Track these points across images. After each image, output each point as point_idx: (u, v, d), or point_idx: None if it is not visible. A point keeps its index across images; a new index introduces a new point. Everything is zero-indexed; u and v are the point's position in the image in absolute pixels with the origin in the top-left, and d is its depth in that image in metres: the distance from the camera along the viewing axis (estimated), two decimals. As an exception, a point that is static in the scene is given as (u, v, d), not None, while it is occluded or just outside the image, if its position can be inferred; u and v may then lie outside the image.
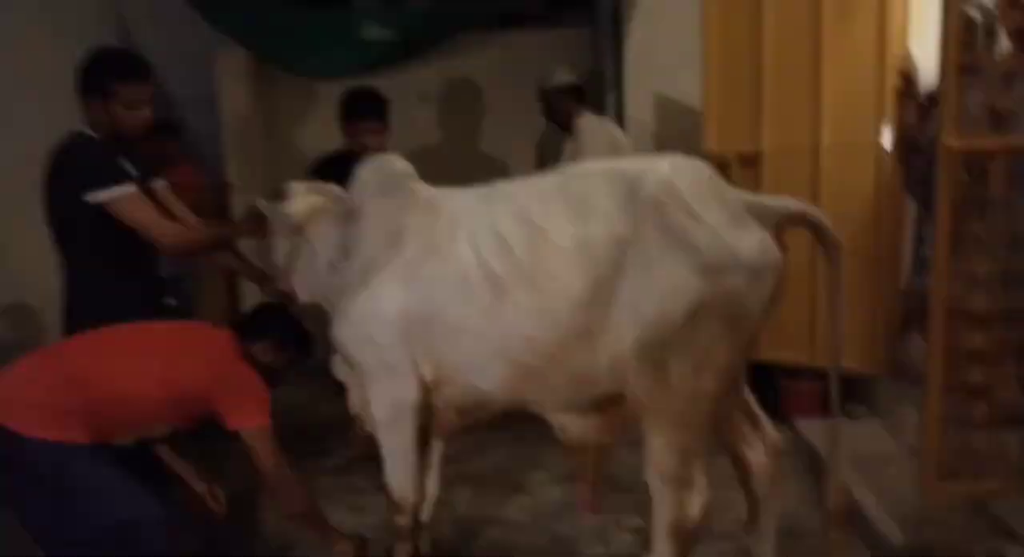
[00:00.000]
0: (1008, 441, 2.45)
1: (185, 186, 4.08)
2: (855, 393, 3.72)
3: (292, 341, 2.43)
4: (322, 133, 4.31)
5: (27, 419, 2.00)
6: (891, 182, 3.36)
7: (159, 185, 2.74)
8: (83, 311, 2.54)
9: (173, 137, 4.31)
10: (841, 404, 2.23)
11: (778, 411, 3.62)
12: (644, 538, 2.83)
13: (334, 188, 2.68)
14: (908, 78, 3.27)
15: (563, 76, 4.01)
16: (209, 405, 2.20)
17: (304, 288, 2.57)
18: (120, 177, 2.46)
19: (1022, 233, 2.36)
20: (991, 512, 2.62)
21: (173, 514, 2.19)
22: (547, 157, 4.13)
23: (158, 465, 2.50)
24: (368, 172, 2.48)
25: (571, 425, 2.35)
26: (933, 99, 3.11)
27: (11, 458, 2.00)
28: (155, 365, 2.16)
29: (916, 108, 3.23)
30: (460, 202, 2.30)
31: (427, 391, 2.31)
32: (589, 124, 4.03)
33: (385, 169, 2.47)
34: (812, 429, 3.45)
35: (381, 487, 3.26)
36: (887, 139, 3.34)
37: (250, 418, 2.20)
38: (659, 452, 2.07)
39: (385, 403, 2.33)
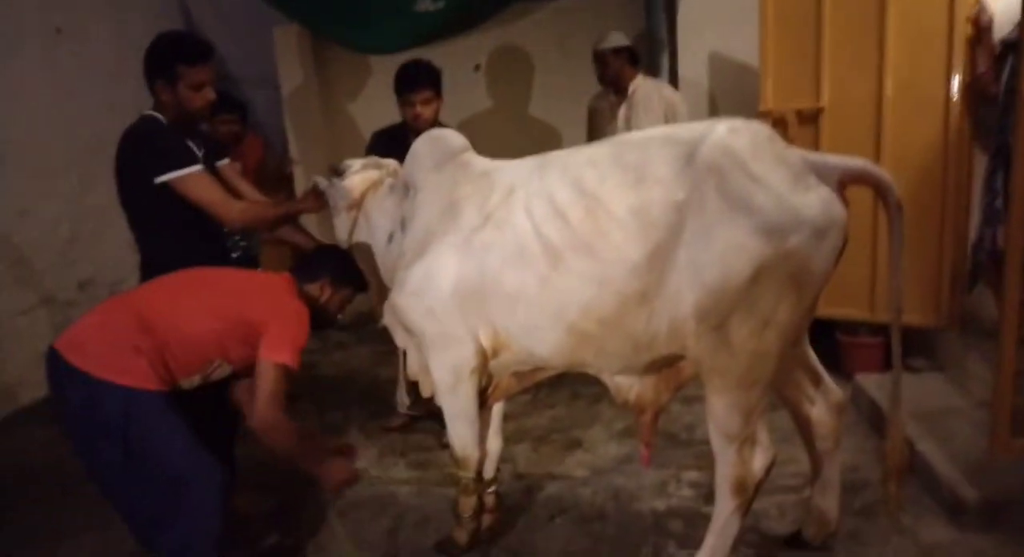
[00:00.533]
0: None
1: (250, 162, 4.25)
2: (918, 347, 3.67)
3: (346, 280, 2.52)
4: (378, 107, 4.38)
5: (98, 361, 2.09)
6: (960, 134, 3.26)
7: (224, 164, 2.85)
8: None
9: (240, 115, 4.42)
10: (903, 358, 2.21)
11: (838, 367, 3.60)
12: (703, 492, 2.89)
13: (390, 162, 2.76)
14: (979, 25, 3.15)
15: (617, 38, 3.97)
16: (260, 335, 2.23)
17: (365, 261, 2.66)
18: (187, 158, 2.57)
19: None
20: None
21: (227, 475, 2.26)
22: (600, 123, 4.08)
23: (226, 423, 2.64)
24: (423, 146, 2.53)
25: (626, 387, 2.40)
26: (1007, 46, 3.00)
27: (82, 398, 2.10)
28: (216, 299, 2.26)
29: (988, 56, 3.11)
30: (515, 173, 2.32)
31: (485, 357, 2.38)
32: (643, 87, 3.99)
33: (440, 143, 2.52)
34: (872, 383, 3.41)
35: (443, 444, 3.43)
36: (956, 90, 3.23)
37: (280, 352, 2.21)
38: (722, 412, 2.10)
39: (445, 370, 2.41)
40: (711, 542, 2.20)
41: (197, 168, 2.55)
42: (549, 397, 4.01)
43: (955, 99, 3.24)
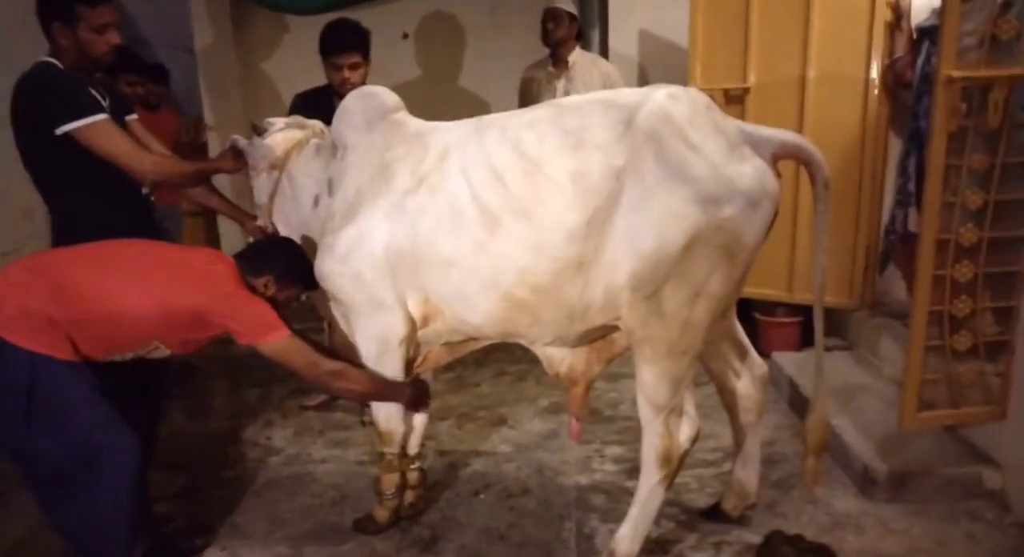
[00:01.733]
0: (985, 369, 2.52)
1: (165, 137, 3.98)
2: (831, 327, 3.79)
3: (293, 278, 2.33)
4: (299, 70, 4.18)
5: (7, 323, 1.95)
6: (878, 117, 3.35)
7: (133, 120, 2.65)
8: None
9: (150, 76, 4.15)
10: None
11: (755, 346, 3.64)
12: (627, 467, 2.91)
13: (315, 123, 2.62)
14: (898, 10, 3.24)
15: (568, 3, 3.90)
16: (210, 328, 2.13)
17: (287, 224, 2.54)
18: (90, 106, 2.36)
19: (1011, 164, 2.38)
20: (966, 439, 2.71)
21: (145, 449, 2.13)
22: (535, 93, 3.99)
23: (150, 398, 2.48)
24: (355, 103, 2.39)
25: (558, 359, 2.36)
26: (923, 32, 3.10)
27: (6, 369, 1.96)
28: (151, 283, 2.09)
29: (907, 41, 3.21)
30: (450, 135, 2.23)
31: (414, 326, 2.30)
32: (582, 60, 3.94)
33: (372, 100, 2.39)
34: (789, 361, 3.52)
35: (363, 422, 3.34)
36: (875, 73, 3.32)
37: (262, 333, 2.13)
38: (651, 381, 2.08)
39: (372, 339, 2.32)
40: (635, 513, 2.20)
41: (102, 117, 2.35)
42: (474, 375, 3.97)
43: (875, 83, 3.33)
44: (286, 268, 2.31)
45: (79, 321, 2.00)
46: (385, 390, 2.37)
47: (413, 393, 2.43)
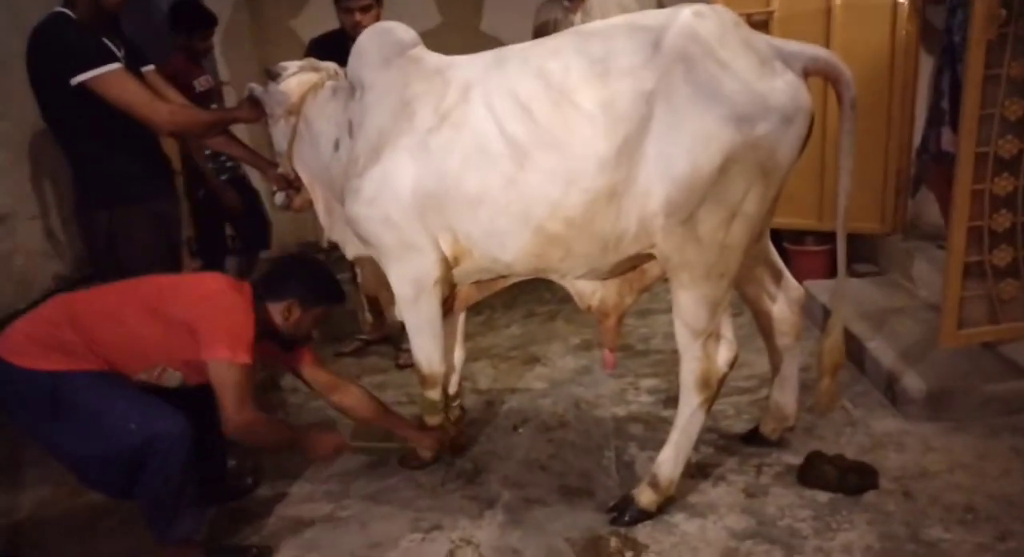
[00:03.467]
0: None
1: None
2: (864, 253, 3.76)
3: (319, 298, 2.24)
4: (314, 15, 4.14)
5: (23, 351, 1.99)
6: (907, 36, 3.25)
7: (149, 70, 2.64)
8: (95, 196, 2.52)
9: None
10: (848, 262, 2.24)
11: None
12: (662, 398, 2.94)
13: (329, 65, 2.57)
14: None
15: None
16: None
17: (307, 170, 2.51)
18: (104, 55, 2.35)
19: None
20: (1006, 355, 2.70)
21: (190, 427, 2.06)
22: (552, 33, 3.92)
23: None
24: (370, 40, 2.33)
25: (589, 292, 2.36)
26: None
27: (10, 391, 2.00)
28: (152, 300, 2.08)
29: (937, -47, 3.10)
30: (471, 68, 2.18)
31: (448, 267, 2.29)
32: None
33: (388, 36, 2.32)
34: (821, 289, 3.49)
35: (399, 365, 3.39)
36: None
37: (221, 349, 2.00)
38: (689, 306, 2.08)
39: (406, 282, 2.31)
40: (676, 437, 2.22)
41: (116, 66, 2.34)
42: (504, 317, 3.99)
43: (903, 0, 3.22)
44: (309, 288, 2.23)
45: (90, 341, 2.01)
46: (295, 439, 2.25)
47: (320, 441, 2.29)
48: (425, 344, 2.42)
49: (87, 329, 2.02)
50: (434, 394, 2.49)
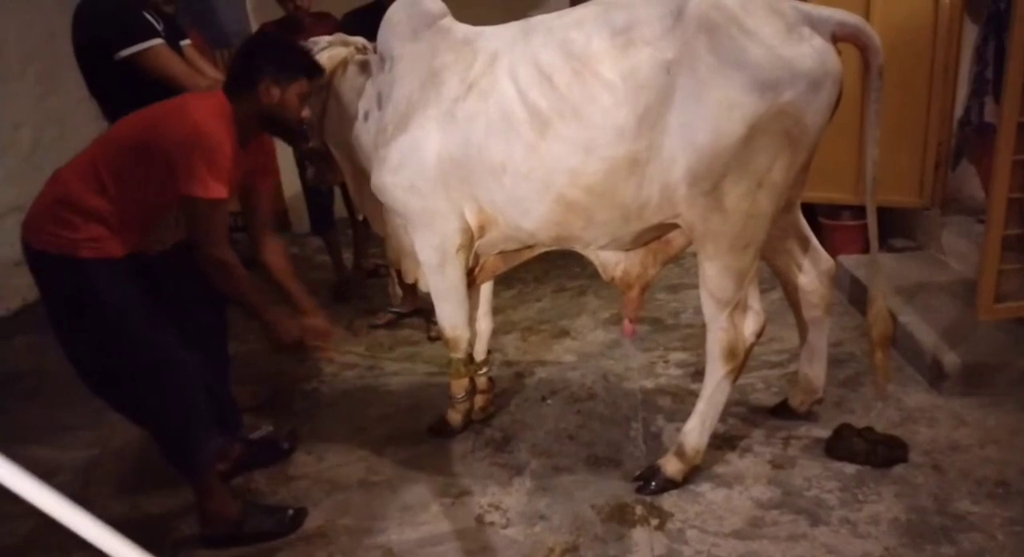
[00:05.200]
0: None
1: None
2: (899, 227, 3.69)
3: (292, 67, 2.12)
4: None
5: (53, 238, 1.97)
6: (951, 5, 3.16)
7: (187, 45, 2.70)
8: None
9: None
10: (885, 237, 2.21)
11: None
12: (690, 371, 2.94)
13: (358, 39, 2.60)
14: None
15: None
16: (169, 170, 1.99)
17: (337, 144, 2.55)
18: (148, 30, 2.43)
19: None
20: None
21: (199, 364, 2.15)
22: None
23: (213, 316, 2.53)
24: (399, 12, 2.36)
25: (613, 263, 2.37)
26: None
27: (48, 280, 2.02)
28: (145, 135, 2.01)
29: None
30: (498, 39, 2.20)
31: (471, 235, 2.32)
32: None
33: (417, 7, 2.34)
34: (854, 263, 3.45)
35: (430, 337, 3.44)
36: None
37: (190, 183, 1.95)
38: (714, 277, 2.08)
39: (431, 248, 2.35)
40: (702, 407, 2.23)
41: (159, 41, 2.42)
42: (535, 291, 4.02)
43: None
44: (277, 63, 2.11)
45: (113, 199, 1.99)
46: (254, 304, 2.16)
47: (280, 323, 2.22)
48: (449, 310, 2.47)
49: (110, 188, 1.99)
50: (459, 357, 2.55)
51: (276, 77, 2.09)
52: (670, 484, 2.25)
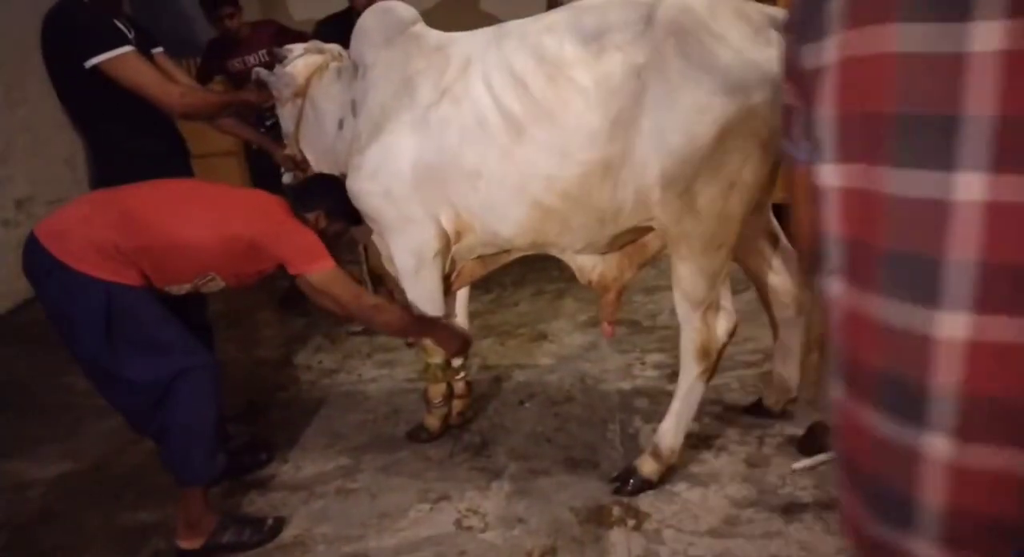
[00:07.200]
0: None
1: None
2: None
3: (341, 212, 2.34)
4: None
5: (78, 254, 2.00)
6: None
7: (159, 53, 2.68)
8: (112, 178, 2.57)
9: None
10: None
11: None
12: (667, 372, 2.96)
13: (333, 46, 2.61)
14: None
15: None
16: (263, 259, 2.17)
17: (314, 151, 2.56)
18: (115, 38, 2.39)
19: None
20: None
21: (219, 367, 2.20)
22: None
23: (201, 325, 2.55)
24: (371, 20, 2.37)
25: (589, 267, 2.39)
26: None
27: (58, 289, 2.02)
28: (210, 214, 2.13)
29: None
30: (471, 44, 2.21)
31: (447, 240, 2.33)
32: None
33: (389, 15, 2.36)
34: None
35: (408, 344, 3.43)
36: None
37: (310, 261, 2.15)
38: (688, 277, 2.10)
39: (407, 253, 2.35)
40: (676, 407, 2.25)
41: (128, 49, 2.39)
42: (513, 294, 4.03)
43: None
44: (335, 201, 2.33)
45: (143, 248, 2.04)
46: (423, 326, 2.40)
47: (449, 332, 2.45)
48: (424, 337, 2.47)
49: (144, 237, 2.05)
50: (435, 362, 2.55)
51: (329, 211, 2.32)
52: (646, 484, 2.26)
